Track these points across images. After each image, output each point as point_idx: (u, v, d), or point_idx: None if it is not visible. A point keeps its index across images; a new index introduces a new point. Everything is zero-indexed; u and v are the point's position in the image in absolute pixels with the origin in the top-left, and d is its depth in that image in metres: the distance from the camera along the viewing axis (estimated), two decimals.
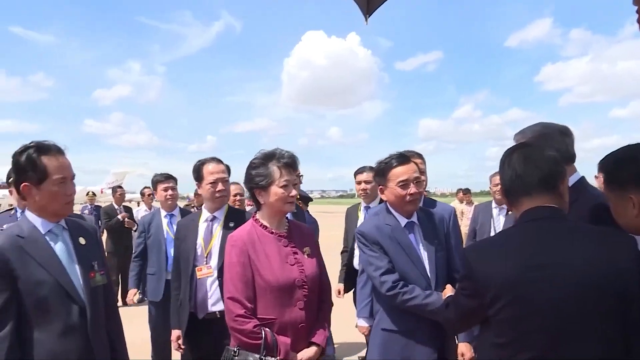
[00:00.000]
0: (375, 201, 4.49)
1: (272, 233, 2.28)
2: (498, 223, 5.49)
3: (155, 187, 4.74)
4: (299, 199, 4.68)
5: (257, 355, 2.07)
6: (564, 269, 1.42)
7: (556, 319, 1.41)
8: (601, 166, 1.77)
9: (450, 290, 2.31)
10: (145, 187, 7.50)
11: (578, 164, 2.15)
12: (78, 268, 2.01)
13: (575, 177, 2.08)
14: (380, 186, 2.65)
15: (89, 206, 10.05)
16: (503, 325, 1.49)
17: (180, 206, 4.96)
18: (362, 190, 4.44)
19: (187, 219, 3.33)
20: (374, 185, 4.40)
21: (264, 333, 2.10)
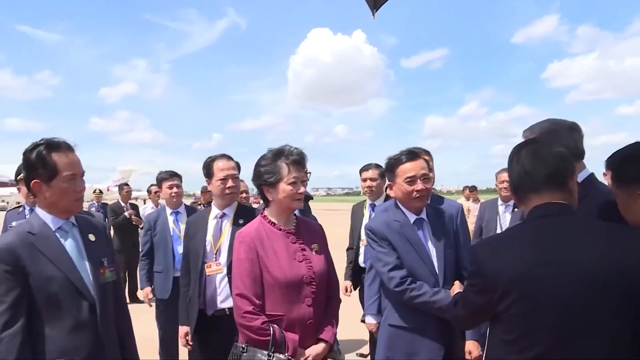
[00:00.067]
0: (381, 199, 4.48)
1: (280, 229, 2.28)
2: (504, 220, 5.47)
3: (160, 185, 4.73)
4: None
5: (266, 352, 2.08)
6: (572, 266, 1.42)
7: (563, 316, 1.41)
8: (608, 163, 1.77)
9: (458, 286, 2.31)
10: (152, 185, 7.54)
11: (585, 161, 2.15)
12: (88, 264, 2.03)
13: (584, 174, 2.08)
14: (389, 182, 2.66)
15: (96, 204, 10.10)
16: (511, 322, 1.49)
17: (185, 204, 4.96)
18: (368, 187, 4.44)
19: (197, 215, 3.33)
20: (380, 183, 4.40)
21: (272, 330, 2.11)
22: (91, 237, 2.10)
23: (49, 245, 1.94)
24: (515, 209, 5.25)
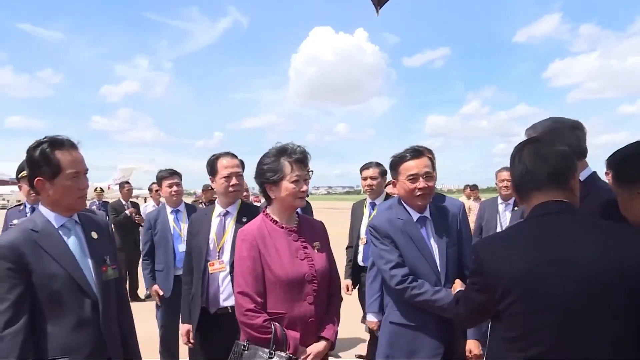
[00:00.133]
0: (381, 197, 4.49)
1: (282, 227, 2.28)
2: (504, 219, 5.46)
3: (160, 183, 4.72)
4: None
5: (267, 350, 2.08)
6: (573, 265, 1.42)
7: (564, 316, 1.41)
8: (609, 163, 1.77)
9: (459, 285, 2.31)
10: (153, 183, 7.55)
11: (587, 159, 2.15)
12: (90, 262, 2.03)
13: (586, 172, 2.08)
14: (392, 179, 2.66)
15: (97, 202, 10.11)
16: (513, 320, 1.50)
17: (186, 202, 4.95)
18: (368, 186, 4.45)
19: (200, 213, 3.33)
20: (380, 181, 4.41)
21: (273, 327, 2.11)
22: (94, 235, 2.10)
23: (52, 243, 1.94)
24: (515, 208, 5.26)
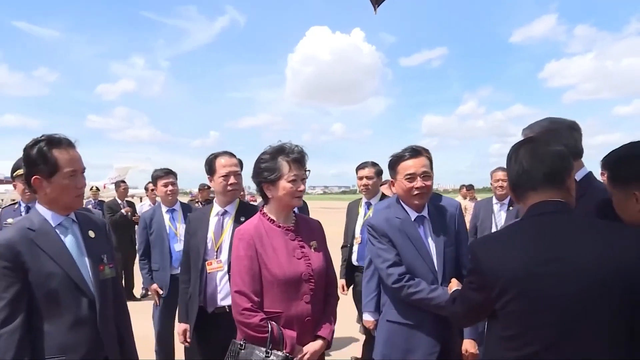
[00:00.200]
0: (377, 197, 4.49)
1: (280, 227, 2.28)
2: (499, 219, 5.45)
3: (155, 183, 4.71)
4: None
5: (264, 349, 2.08)
6: (571, 265, 1.42)
7: (563, 316, 1.41)
8: (604, 163, 1.78)
9: (455, 284, 2.32)
10: (149, 182, 7.53)
11: (583, 160, 2.16)
12: (87, 261, 2.03)
13: (582, 172, 2.09)
14: (391, 179, 2.67)
15: (93, 201, 10.07)
16: (509, 319, 1.50)
17: (181, 201, 4.93)
18: (364, 185, 4.45)
19: (198, 212, 3.33)
20: (376, 181, 4.41)
21: (270, 327, 2.11)
22: (91, 234, 2.10)
23: (49, 242, 1.93)
24: (510, 208, 5.27)
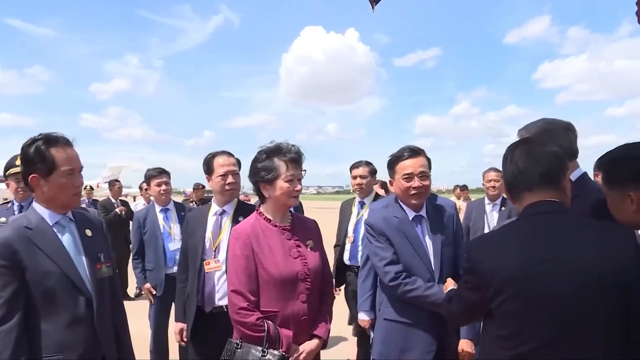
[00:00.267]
0: (370, 196, 4.49)
1: (276, 226, 2.29)
2: (492, 219, 5.45)
3: (148, 182, 4.69)
4: None
5: (260, 348, 2.08)
6: (568, 265, 1.44)
7: (559, 315, 1.42)
8: (599, 164, 1.79)
9: (452, 283, 2.33)
10: (144, 182, 7.51)
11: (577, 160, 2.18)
12: (85, 260, 2.02)
13: (577, 173, 2.11)
14: (390, 178, 2.68)
15: (87, 200, 10.03)
16: (505, 318, 1.51)
17: (175, 201, 4.92)
18: (358, 185, 4.44)
19: (197, 211, 3.32)
20: (370, 180, 4.42)
21: (266, 326, 2.12)
22: (88, 233, 2.10)
23: (46, 240, 1.93)
24: (502, 208, 5.30)
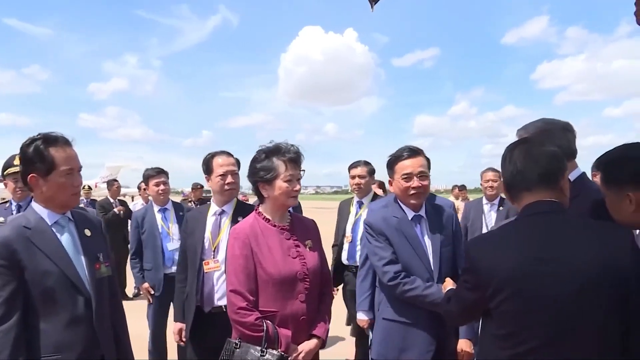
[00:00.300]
0: (368, 196, 4.48)
1: (275, 226, 2.29)
2: (489, 219, 5.46)
3: (147, 182, 4.69)
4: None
5: (259, 348, 2.09)
6: (566, 264, 1.44)
7: (557, 314, 1.43)
8: (598, 164, 1.80)
9: (450, 283, 2.33)
10: (142, 182, 7.51)
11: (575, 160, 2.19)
12: (84, 259, 2.02)
13: (576, 173, 2.11)
14: (389, 178, 2.69)
15: (85, 200, 10.02)
16: (504, 318, 1.52)
17: (173, 200, 4.91)
18: (356, 184, 4.44)
19: (196, 212, 3.32)
20: (368, 180, 4.41)
21: (265, 325, 2.12)
22: (87, 232, 2.09)
23: (45, 240, 1.93)
24: (500, 208, 5.31)
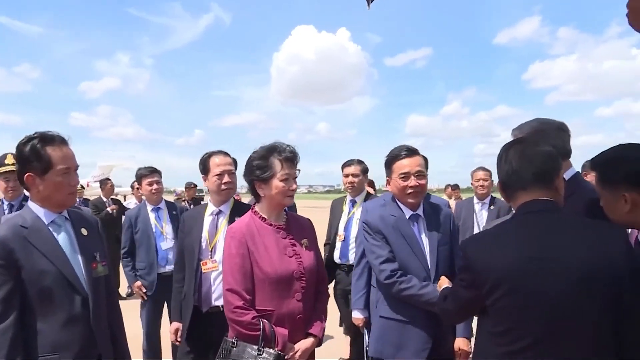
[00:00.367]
0: (362, 195, 4.49)
1: (271, 225, 2.29)
2: (481, 218, 5.49)
3: (139, 181, 4.68)
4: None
5: (255, 347, 2.09)
6: (561, 262, 1.46)
7: (552, 311, 1.45)
8: (594, 165, 1.81)
9: (446, 281, 2.35)
10: (135, 181, 7.48)
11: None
12: (80, 258, 2.02)
13: (570, 172, 2.13)
14: (387, 178, 2.70)
15: (78, 199, 9.98)
16: (500, 315, 1.53)
17: (166, 199, 4.90)
18: (350, 183, 4.44)
19: (193, 211, 3.31)
20: (361, 179, 4.42)
21: (262, 324, 2.12)
22: (84, 232, 2.09)
23: (42, 239, 1.92)
24: (491, 207, 5.35)
